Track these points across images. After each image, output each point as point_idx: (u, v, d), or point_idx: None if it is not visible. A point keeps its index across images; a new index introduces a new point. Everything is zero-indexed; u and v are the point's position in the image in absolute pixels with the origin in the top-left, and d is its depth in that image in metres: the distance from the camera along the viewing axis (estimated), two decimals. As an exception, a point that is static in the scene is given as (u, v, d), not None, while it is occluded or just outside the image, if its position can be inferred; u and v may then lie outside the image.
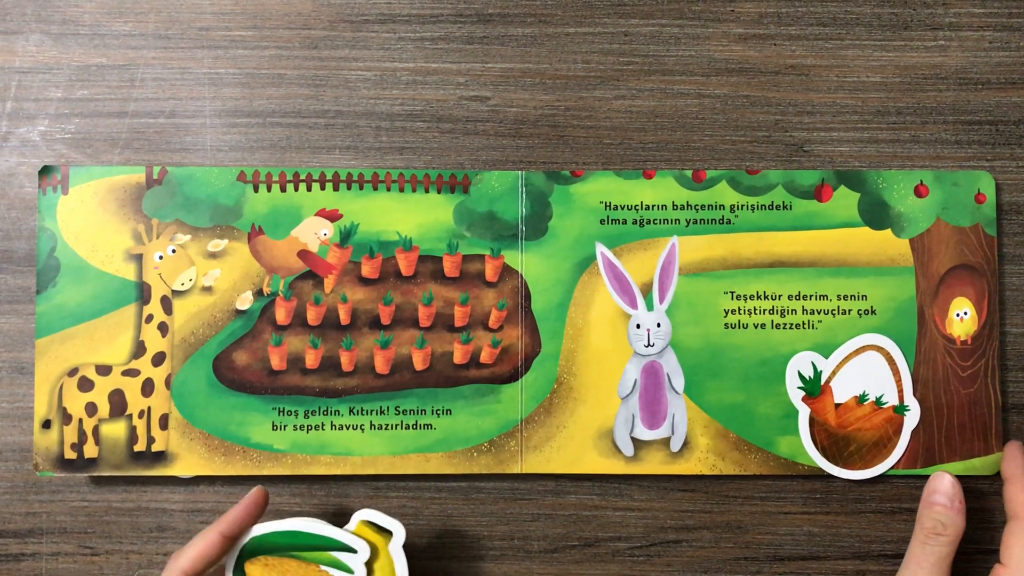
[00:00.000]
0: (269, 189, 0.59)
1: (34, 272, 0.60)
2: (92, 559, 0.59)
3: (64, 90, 0.60)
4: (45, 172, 0.59)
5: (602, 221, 0.60)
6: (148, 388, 0.59)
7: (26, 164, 0.60)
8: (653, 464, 0.59)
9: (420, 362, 0.59)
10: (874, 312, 0.60)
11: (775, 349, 0.59)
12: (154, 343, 0.59)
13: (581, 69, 0.61)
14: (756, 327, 0.59)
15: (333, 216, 0.59)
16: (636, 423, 0.59)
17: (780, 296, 0.60)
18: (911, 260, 0.60)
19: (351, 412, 0.59)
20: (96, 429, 0.58)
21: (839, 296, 0.60)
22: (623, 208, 0.60)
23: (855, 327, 0.59)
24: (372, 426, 0.59)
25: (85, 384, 0.58)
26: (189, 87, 0.61)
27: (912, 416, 0.59)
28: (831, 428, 0.59)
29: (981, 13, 0.61)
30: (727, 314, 0.59)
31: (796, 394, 0.59)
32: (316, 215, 0.59)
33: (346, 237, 0.59)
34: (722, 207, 0.60)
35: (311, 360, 0.59)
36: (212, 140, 0.60)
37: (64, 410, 0.58)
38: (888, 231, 0.60)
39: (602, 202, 0.60)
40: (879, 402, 0.59)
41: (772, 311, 0.59)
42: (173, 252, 0.59)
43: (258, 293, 0.59)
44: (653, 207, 0.60)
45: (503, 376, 0.59)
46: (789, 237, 0.60)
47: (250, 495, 0.54)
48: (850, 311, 0.60)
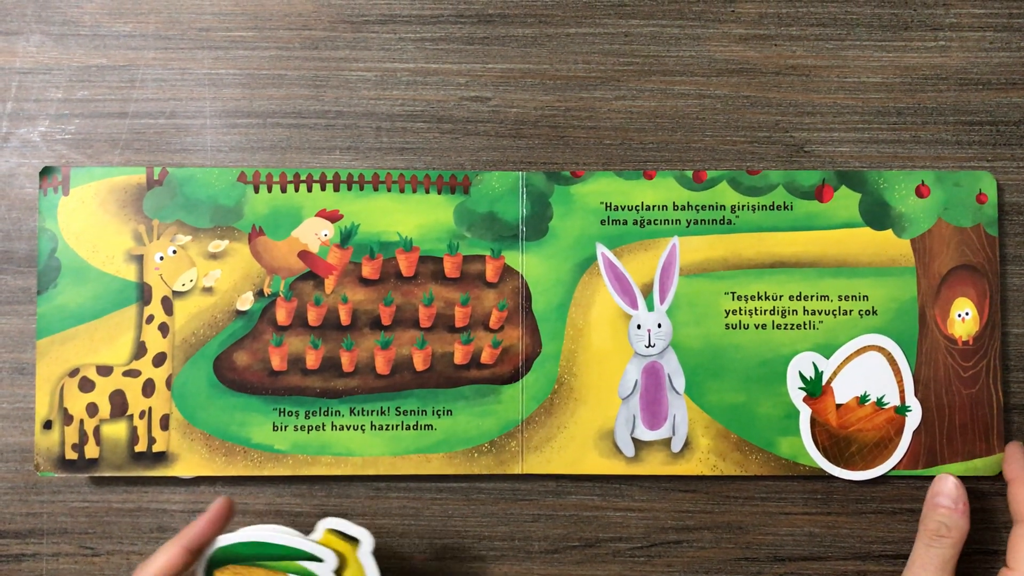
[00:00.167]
0: (270, 190, 0.59)
1: (34, 273, 0.60)
2: (92, 559, 0.59)
3: (64, 91, 0.60)
4: (46, 173, 0.59)
5: (603, 222, 0.59)
6: (149, 389, 0.59)
7: (26, 165, 0.60)
8: (654, 465, 0.59)
9: (421, 363, 0.59)
10: (875, 313, 0.59)
11: (776, 350, 0.59)
12: (155, 344, 0.59)
13: (582, 70, 0.61)
14: (757, 327, 0.59)
15: (334, 217, 0.59)
16: (637, 424, 0.59)
17: (781, 296, 0.59)
18: (912, 260, 0.60)
19: (352, 413, 0.59)
20: (97, 430, 0.58)
21: (840, 297, 0.59)
22: (624, 209, 0.60)
23: (856, 327, 0.59)
24: (373, 426, 0.59)
25: (86, 385, 0.58)
26: (189, 88, 0.61)
27: (913, 417, 0.59)
28: (832, 429, 0.59)
29: (982, 14, 0.61)
30: (728, 314, 0.59)
31: (797, 395, 0.59)
32: (317, 216, 0.59)
33: (347, 238, 0.59)
34: (723, 207, 0.60)
35: (312, 361, 0.59)
36: (212, 141, 0.60)
37: (65, 411, 0.58)
38: (889, 231, 0.60)
39: (603, 203, 0.60)
40: (880, 403, 0.59)
41: (773, 311, 0.59)
42: (174, 253, 0.59)
43: (259, 294, 0.59)
44: (654, 208, 0.60)
45: (504, 377, 0.59)
46: (790, 237, 0.60)
47: (214, 506, 0.53)
48: (851, 311, 0.59)
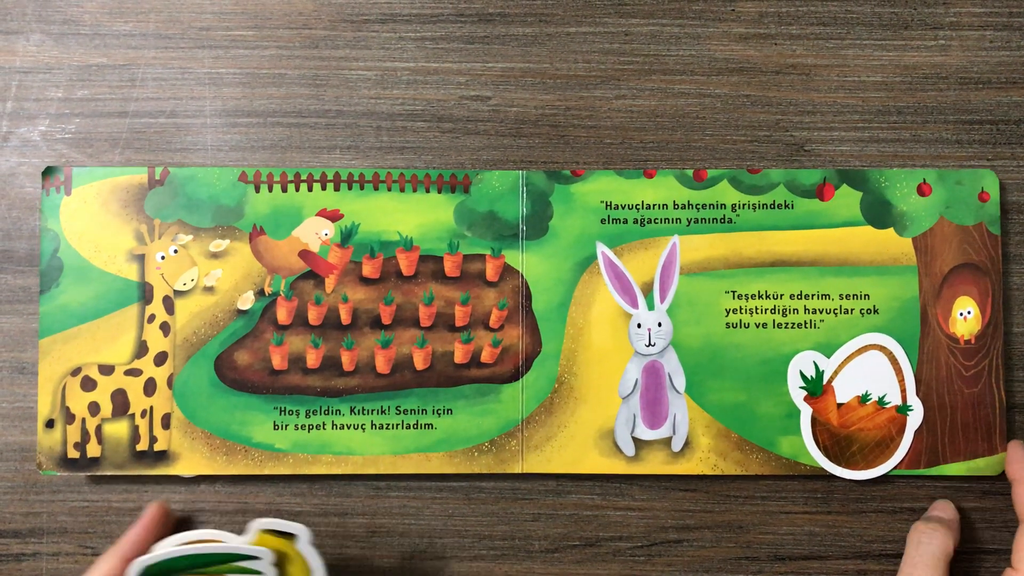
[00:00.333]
0: (270, 189, 0.59)
1: (35, 272, 0.60)
2: (93, 559, 0.59)
3: (64, 90, 0.60)
4: (48, 173, 0.59)
5: (603, 220, 0.59)
6: (150, 388, 0.59)
7: (27, 164, 0.60)
8: (654, 464, 0.59)
9: (421, 362, 0.59)
10: (876, 311, 0.59)
11: (777, 349, 0.59)
12: (156, 343, 0.59)
13: (582, 69, 0.61)
14: (758, 326, 0.59)
15: (334, 216, 0.59)
16: (637, 423, 0.59)
17: (782, 295, 0.59)
18: (914, 259, 0.59)
19: (352, 412, 0.59)
20: (99, 429, 0.59)
21: (841, 295, 0.59)
22: (624, 207, 0.59)
23: (857, 326, 0.59)
24: (373, 426, 0.59)
25: (88, 384, 0.59)
26: (190, 87, 0.61)
27: (915, 416, 0.59)
28: (833, 428, 0.59)
29: (982, 12, 0.61)
30: (728, 313, 0.59)
31: (798, 394, 0.59)
32: (317, 215, 0.59)
33: (347, 237, 0.59)
34: (723, 206, 0.60)
35: (312, 360, 0.59)
36: (212, 140, 0.60)
37: (67, 410, 0.58)
38: (891, 230, 0.59)
39: (603, 201, 0.59)
40: (882, 402, 0.59)
41: (774, 310, 0.59)
42: (175, 252, 0.59)
43: (259, 293, 0.59)
44: (654, 206, 0.59)
45: (504, 376, 0.59)
46: (791, 236, 0.59)
47: (147, 512, 0.53)
48: (852, 310, 0.59)
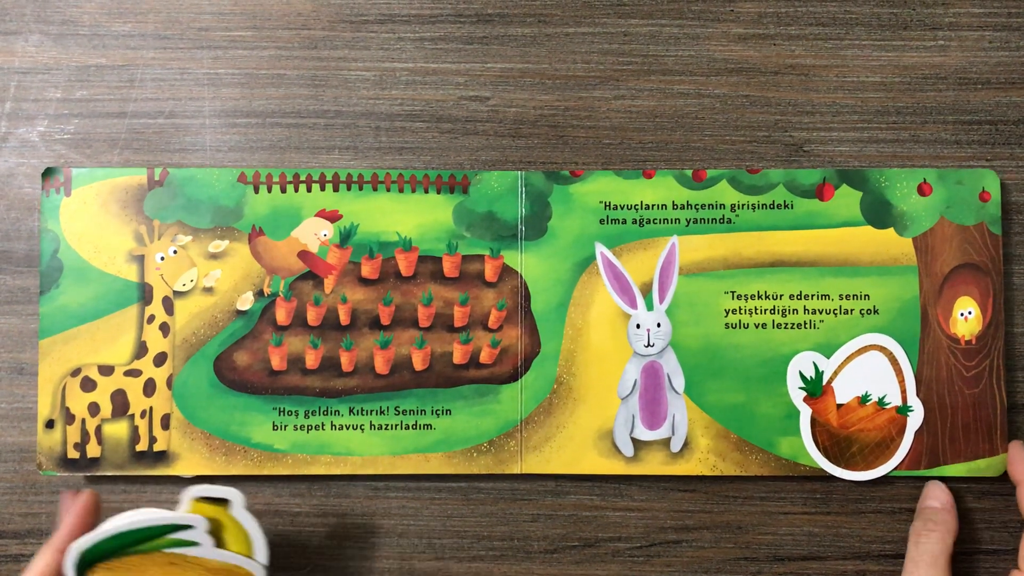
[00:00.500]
0: (269, 190, 0.60)
1: (33, 273, 0.60)
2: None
3: (63, 90, 0.61)
4: (48, 174, 0.59)
5: (602, 221, 0.59)
6: (150, 388, 0.59)
7: (25, 165, 0.60)
8: (653, 465, 0.59)
9: (420, 362, 0.59)
10: (877, 312, 0.59)
11: (776, 349, 0.59)
12: (156, 343, 0.59)
13: (581, 69, 0.61)
14: (757, 327, 0.59)
15: (333, 217, 0.59)
16: (636, 423, 0.59)
17: (781, 296, 0.59)
18: (914, 259, 0.59)
19: (351, 412, 0.59)
20: (99, 429, 0.59)
21: (841, 296, 0.59)
22: (623, 208, 0.59)
23: (857, 327, 0.59)
24: (372, 426, 0.59)
25: (88, 384, 0.59)
26: (188, 87, 0.61)
27: (915, 417, 0.59)
28: (833, 429, 0.59)
29: (981, 13, 0.61)
30: (728, 314, 0.59)
31: (797, 394, 0.59)
32: (316, 216, 0.59)
33: (346, 238, 0.59)
34: (723, 206, 0.59)
35: (311, 360, 0.59)
36: (211, 140, 0.60)
37: (67, 410, 0.59)
38: (891, 230, 0.59)
39: (602, 202, 0.59)
40: (882, 403, 0.59)
41: (773, 311, 0.59)
42: (174, 253, 0.59)
43: (259, 294, 0.59)
44: (653, 207, 0.59)
45: (503, 376, 0.59)
46: (790, 236, 0.59)
47: (77, 502, 0.52)
48: (852, 311, 0.59)
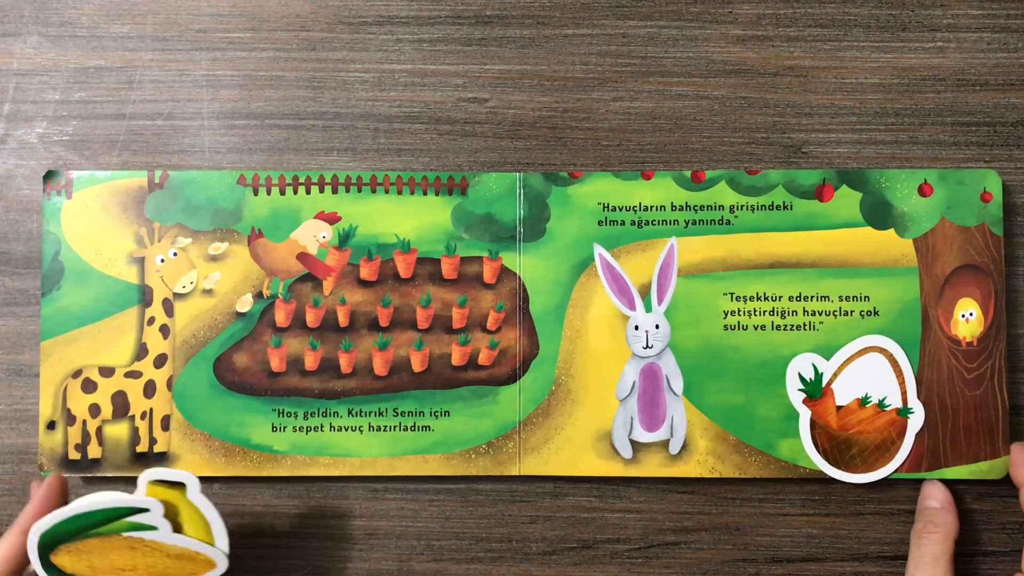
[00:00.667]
0: (269, 192, 0.60)
1: (32, 274, 0.60)
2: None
3: (62, 92, 0.61)
4: (49, 177, 0.59)
5: (600, 222, 0.59)
6: (150, 390, 0.59)
7: (24, 166, 0.61)
8: (652, 466, 0.59)
9: (418, 364, 0.59)
10: (877, 313, 0.59)
11: (775, 351, 0.59)
12: (156, 345, 0.59)
13: (579, 71, 0.61)
14: (756, 328, 0.59)
15: (332, 219, 0.59)
16: (635, 425, 0.59)
17: (780, 297, 0.59)
18: (915, 260, 0.59)
19: (350, 414, 0.59)
20: (99, 430, 0.59)
21: (841, 297, 0.59)
22: (621, 209, 0.59)
23: (857, 328, 0.59)
24: (371, 427, 0.59)
25: (88, 386, 0.59)
26: (187, 89, 0.61)
27: (916, 419, 0.58)
28: (833, 431, 0.58)
29: (979, 14, 0.60)
30: (726, 315, 0.59)
31: (797, 396, 0.59)
32: (315, 218, 0.59)
33: (344, 239, 0.59)
34: (721, 208, 0.59)
35: (310, 362, 0.59)
36: (210, 142, 0.60)
37: (68, 411, 0.59)
38: (891, 231, 0.59)
39: (600, 203, 0.59)
40: (882, 404, 0.59)
41: (772, 312, 0.59)
42: (174, 255, 0.59)
43: (258, 295, 0.59)
44: (651, 208, 0.59)
45: (501, 378, 0.59)
46: (790, 238, 0.59)
47: (44, 486, 0.53)
48: (852, 312, 0.59)
